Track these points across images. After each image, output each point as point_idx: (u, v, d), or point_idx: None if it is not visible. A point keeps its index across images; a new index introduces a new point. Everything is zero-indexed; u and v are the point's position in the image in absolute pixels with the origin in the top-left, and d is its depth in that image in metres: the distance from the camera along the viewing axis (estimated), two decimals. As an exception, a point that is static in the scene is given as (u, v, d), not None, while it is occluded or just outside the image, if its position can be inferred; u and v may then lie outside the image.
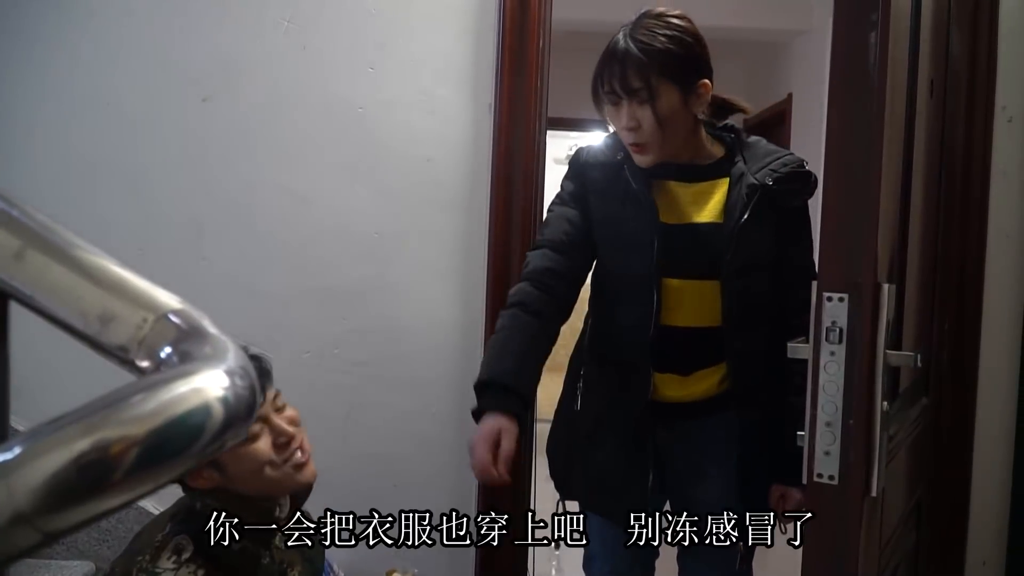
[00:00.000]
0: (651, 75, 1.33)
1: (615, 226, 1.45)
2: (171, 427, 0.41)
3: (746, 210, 1.38)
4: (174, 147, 1.82)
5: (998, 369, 1.75)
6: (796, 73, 4.14)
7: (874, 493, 0.95)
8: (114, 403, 0.41)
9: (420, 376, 1.83)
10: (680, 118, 1.38)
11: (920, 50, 1.24)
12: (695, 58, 1.38)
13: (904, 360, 1.00)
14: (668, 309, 1.43)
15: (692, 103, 1.39)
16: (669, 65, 1.34)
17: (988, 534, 1.76)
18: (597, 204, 1.46)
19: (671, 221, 1.43)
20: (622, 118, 1.38)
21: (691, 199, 1.45)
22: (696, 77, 1.38)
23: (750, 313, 1.42)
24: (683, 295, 1.43)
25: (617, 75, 1.35)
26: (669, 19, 1.37)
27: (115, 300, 0.49)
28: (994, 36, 1.69)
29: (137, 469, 0.40)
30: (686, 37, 1.37)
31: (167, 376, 0.44)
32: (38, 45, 1.81)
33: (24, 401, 1.79)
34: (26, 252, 0.49)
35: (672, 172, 1.44)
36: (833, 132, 0.97)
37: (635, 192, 1.42)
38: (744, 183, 1.40)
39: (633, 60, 1.33)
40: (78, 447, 0.38)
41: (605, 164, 1.47)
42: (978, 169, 1.71)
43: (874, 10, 0.94)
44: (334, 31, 1.80)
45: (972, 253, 1.72)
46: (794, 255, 1.45)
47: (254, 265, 1.82)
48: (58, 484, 0.37)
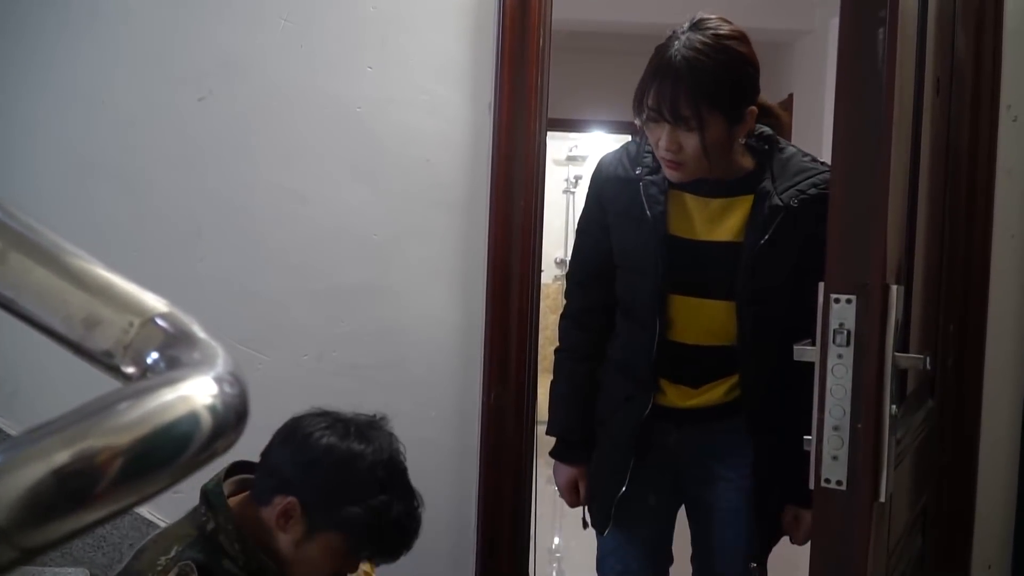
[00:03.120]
0: (703, 106, 1.28)
1: (628, 242, 1.45)
2: (157, 436, 0.39)
3: (767, 232, 1.34)
4: (171, 146, 1.80)
5: (1004, 371, 1.73)
6: (797, 74, 4.13)
7: (882, 498, 0.94)
8: (97, 411, 0.39)
9: (419, 378, 1.81)
10: (723, 144, 1.35)
11: (926, 47, 1.22)
12: (748, 87, 1.34)
13: (913, 363, 0.99)
14: (677, 326, 1.42)
15: (737, 131, 1.35)
16: (722, 96, 1.29)
17: (994, 538, 1.74)
18: (615, 223, 1.47)
19: (682, 235, 1.41)
20: (663, 139, 1.33)
21: (709, 215, 1.41)
22: (746, 106, 1.34)
23: (766, 335, 1.38)
24: (695, 312, 1.42)
25: (667, 98, 1.29)
26: (727, 43, 1.30)
27: (100, 304, 0.47)
28: (999, 35, 1.68)
29: (121, 481, 0.38)
30: (744, 65, 1.32)
31: (153, 383, 0.42)
32: (34, 43, 1.79)
33: (19, 405, 1.79)
34: (8, 254, 0.47)
35: (693, 186, 1.40)
36: (840, 131, 0.95)
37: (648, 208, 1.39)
38: (768, 203, 1.35)
39: (688, 87, 1.27)
40: (58, 458, 0.36)
41: (622, 180, 1.45)
42: (983, 168, 1.69)
43: (882, 6, 0.92)
44: (333, 30, 1.78)
45: (977, 253, 1.70)
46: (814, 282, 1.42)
47: (252, 266, 1.80)
48: (37, 497, 0.35)
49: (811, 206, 1.32)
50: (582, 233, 1.56)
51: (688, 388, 1.46)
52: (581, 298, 1.58)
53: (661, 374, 1.45)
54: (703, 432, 1.48)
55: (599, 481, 1.54)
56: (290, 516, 1.17)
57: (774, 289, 1.36)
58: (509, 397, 1.76)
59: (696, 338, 1.42)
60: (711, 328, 1.42)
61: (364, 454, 1.19)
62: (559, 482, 1.61)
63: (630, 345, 1.48)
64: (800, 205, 1.34)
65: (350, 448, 1.19)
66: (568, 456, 1.59)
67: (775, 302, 1.37)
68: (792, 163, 1.41)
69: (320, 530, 1.18)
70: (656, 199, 1.39)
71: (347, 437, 1.20)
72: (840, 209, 0.96)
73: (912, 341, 1.27)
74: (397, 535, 1.22)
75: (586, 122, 5.88)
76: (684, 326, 1.42)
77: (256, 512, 1.19)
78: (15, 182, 1.80)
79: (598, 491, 1.54)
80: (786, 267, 1.36)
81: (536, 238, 1.78)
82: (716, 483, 1.48)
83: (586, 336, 1.57)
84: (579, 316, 1.58)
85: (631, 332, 1.48)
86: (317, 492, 1.18)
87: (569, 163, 6.76)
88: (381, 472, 1.20)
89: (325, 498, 1.18)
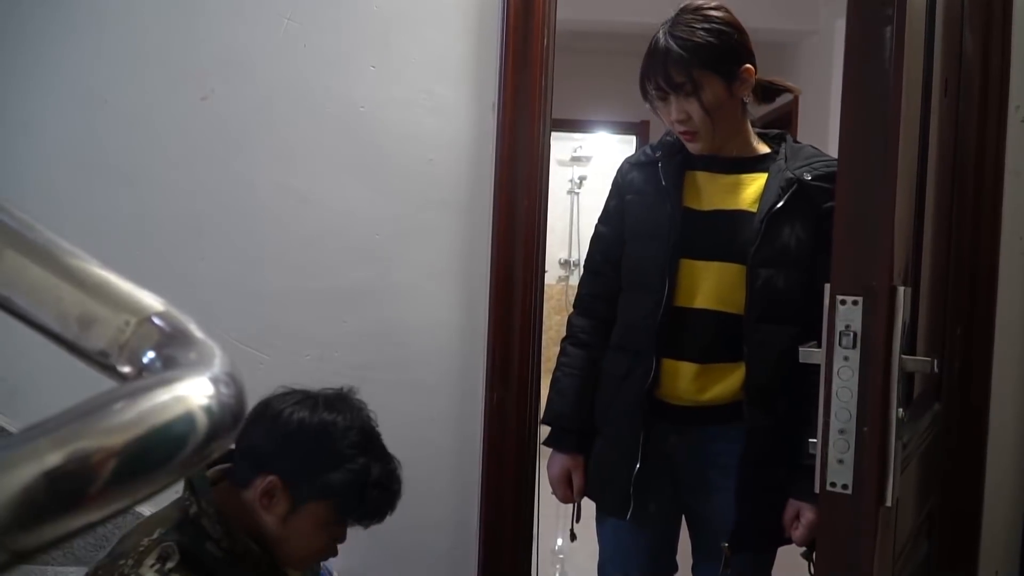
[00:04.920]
0: (693, 69, 1.37)
1: (642, 213, 1.50)
2: (152, 437, 0.39)
3: (779, 200, 1.39)
4: (173, 146, 1.80)
5: (1011, 374, 1.72)
6: (802, 75, 4.11)
7: (889, 503, 0.93)
8: (91, 412, 0.38)
9: (421, 379, 1.80)
10: (727, 105, 1.42)
11: (934, 47, 1.21)
12: (735, 46, 1.41)
13: (920, 366, 0.98)
14: (685, 289, 1.43)
15: (736, 89, 1.42)
16: (710, 57, 1.38)
17: (1001, 543, 1.73)
18: (632, 201, 1.52)
19: (696, 207, 1.46)
20: (671, 112, 1.42)
21: (723, 188, 1.46)
22: (738, 64, 1.41)
23: (774, 308, 1.38)
24: (703, 274, 1.42)
25: (660, 72, 1.39)
26: (706, 12, 1.40)
27: (96, 302, 0.46)
28: (1007, 35, 1.67)
29: (115, 482, 0.37)
30: (724, 27, 1.40)
31: (149, 383, 0.41)
32: (36, 42, 1.79)
33: (19, 403, 1.78)
34: (4, 252, 0.47)
35: (707, 163, 1.48)
36: (847, 131, 0.94)
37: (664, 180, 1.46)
38: (782, 176, 1.41)
39: (674, 56, 1.38)
40: (51, 459, 0.35)
41: (642, 164, 1.54)
42: (991, 170, 1.68)
43: (889, 5, 0.91)
44: (336, 29, 1.78)
45: (985, 255, 1.69)
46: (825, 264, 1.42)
47: (254, 266, 1.80)
48: (28, 499, 0.34)
49: (823, 180, 1.39)
50: (600, 224, 1.60)
51: (695, 364, 1.42)
52: (590, 284, 1.60)
53: (663, 350, 1.43)
54: (703, 439, 1.46)
55: (608, 465, 1.51)
56: (273, 494, 1.19)
57: (785, 260, 1.37)
58: (511, 398, 1.76)
59: (704, 302, 1.42)
60: (719, 291, 1.41)
61: (336, 422, 1.23)
62: (551, 473, 1.58)
63: (631, 316, 1.49)
64: (813, 179, 1.39)
65: (322, 419, 1.23)
66: (562, 443, 1.56)
67: (786, 272, 1.38)
68: (805, 150, 1.48)
69: (305, 502, 1.20)
70: (673, 174, 1.47)
71: (317, 409, 1.24)
72: (847, 210, 0.95)
73: (919, 344, 1.25)
74: (381, 495, 1.24)
75: (590, 122, 5.87)
76: (691, 289, 1.42)
77: (238, 496, 1.21)
78: (17, 180, 1.80)
79: (610, 475, 1.50)
80: (798, 239, 1.38)
81: (540, 238, 1.77)
82: (714, 494, 1.46)
83: (588, 322, 1.58)
84: (585, 302, 1.60)
85: (635, 302, 1.49)
86: (296, 465, 1.20)
87: (573, 164, 6.76)
88: (355, 437, 1.23)
89: (305, 469, 1.20)
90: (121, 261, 0.49)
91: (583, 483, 1.55)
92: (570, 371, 1.57)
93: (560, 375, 1.58)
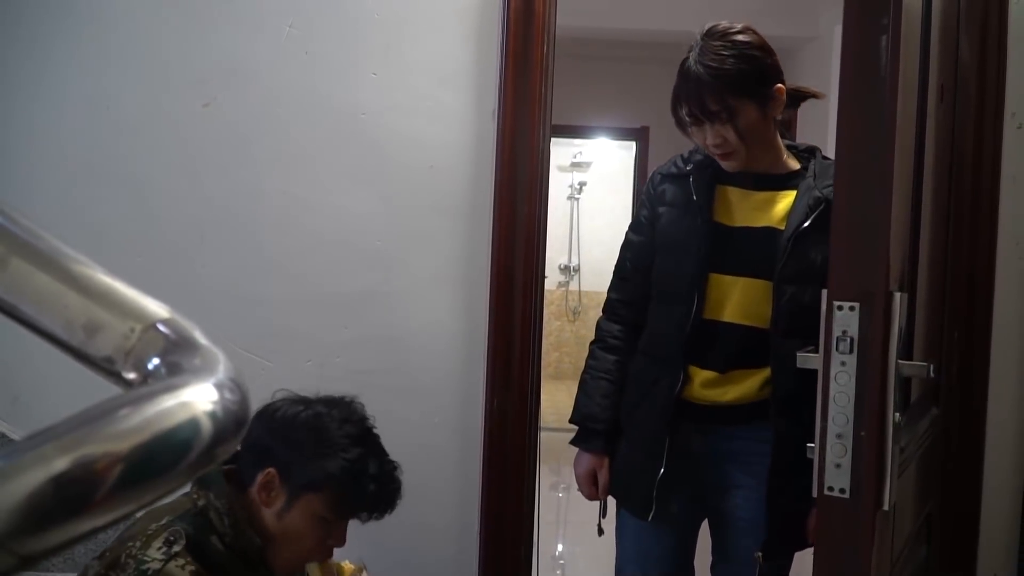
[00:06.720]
0: (727, 96, 1.39)
1: (673, 225, 1.52)
2: (157, 443, 0.39)
3: (807, 219, 1.41)
4: (175, 153, 1.81)
5: (1008, 379, 1.72)
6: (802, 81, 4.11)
7: (886, 507, 0.93)
8: (97, 418, 0.39)
9: (422, 385, 1.81)
10: (761, 126, 1.45)
11: (930, 54, 1.22)
12: (766, 69, 1.43)
13: (917, 370, 0.98)
14: (714, 303, 1.46)
15: (770, 110, 1.45)
16: (744, 84, 1.40)
17: (999, 547, 1.73)
18: (664, 213, 1.55)
19: (727, 223, 1.48)
20: (707, 137, 1.44)
21: (754, 205, 1.49)
22: (770, 86, 1.43)
23: (800, 322, 1.38)
24: (731, 289, 1.46)
25: (695, 100, 1.41)
26: (733, 38, 1.41)
27: (102, 309, 0.47)
28: (1003, 42, 1.67)
29: (121, 487, 0.38)
30: (754, 52, 1.41)
31: (154, 389, 0.42)
32: (39, 50, 1.80)
33: (21, 410, 1.79)
34: (10, 259, 0.47)
35: (739, 179, 1.50)
36: (844, 137, 0.95)
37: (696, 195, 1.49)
38: (810, 195, 1.43)
39: (707, 85, 1.39)
40: (57, 465, 0.36)
41: (674, 176, 1.56)
42: (987, 176, 1.69)
43: (885, 13, 0.92)
44: (337, 36, 1.79)
45: (981, 260, 1.69)
46: None
47: (255, 272, 1.81)
48: (35, 504, 0.35)
49: None
50: (631, 231, 1.63)
51: (716, 374, 1.46)
52: (619, 290, 1.64)
53: (690, 359, 1.47)
54: (725, 437, 1.49)
55: (633, 467, 1.54)
56: (271, 487, 1.21)
57: (812, 277, 1.38)
58: (512, 403, 1.76)
59: (731, 316, 1.45)
60: (746, 306, 1.44)
61: (332, 414, 1.26)
62: (578, 472, 1.62)
63: (661, 326, 1.52)
64: None
65: (317, 411, 1.26)
66: (589, 443, 1.60)
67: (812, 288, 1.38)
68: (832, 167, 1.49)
69: (299, 494, 1.21)
70: (704, 189, 1.50)
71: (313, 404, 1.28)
72: (844, 216, 0.95)
73: (916, 349, 1.26)
74: (377, 489, 1.24)
75: (590, 128, 5.88)
76: (720, 302, 1.46)
77: (244, 494, 1.23)
78: (19, 187, 1.81)
79: (635, 477, 1.53)
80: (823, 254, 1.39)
81: (540, 244, 1.78)
82: (735, 491, 1.49)
83: (616, 327, 1.62)
84: (614, 307, 1.64)
85: (665, 313, 1.52)
86: (291, 453, 1.22)
87: (573, 169, 6.77)
88: (351, 429, 1.25)
89: (299, 457, 1.22)
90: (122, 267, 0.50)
91: (608, 481, 1.59)
92: (598, 374, 1.60)
93: (588, 377, 1.62)
